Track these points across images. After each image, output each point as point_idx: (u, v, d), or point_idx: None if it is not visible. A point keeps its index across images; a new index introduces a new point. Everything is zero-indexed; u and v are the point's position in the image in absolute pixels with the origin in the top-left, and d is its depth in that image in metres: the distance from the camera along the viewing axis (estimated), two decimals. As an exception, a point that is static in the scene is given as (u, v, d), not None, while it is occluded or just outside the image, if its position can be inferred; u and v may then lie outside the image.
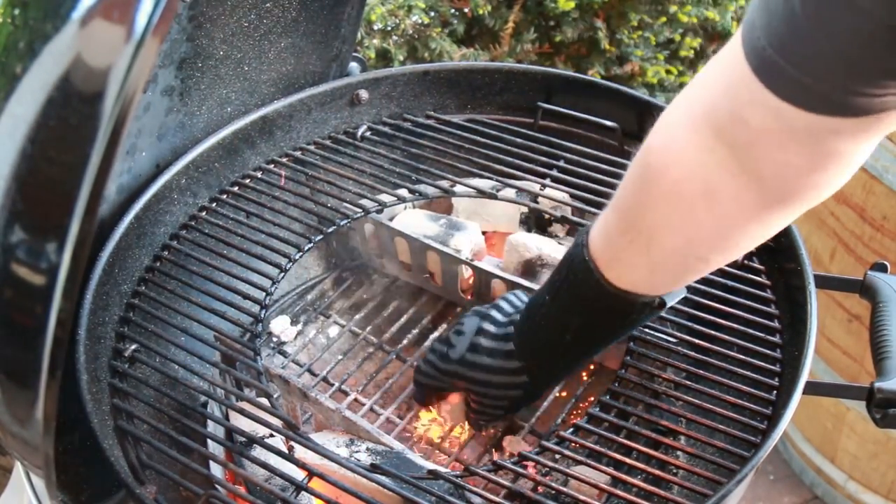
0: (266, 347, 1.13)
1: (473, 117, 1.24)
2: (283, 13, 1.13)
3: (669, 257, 0.72)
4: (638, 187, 0.71)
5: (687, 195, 0.67)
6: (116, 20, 0.54)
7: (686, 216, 0.68)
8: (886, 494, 1.81)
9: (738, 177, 0.65)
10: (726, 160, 0.64)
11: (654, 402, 0.89)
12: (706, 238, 0.70)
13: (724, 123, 0.63)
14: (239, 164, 1.15)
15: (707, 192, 0.66)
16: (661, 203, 0.69)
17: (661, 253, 0.71)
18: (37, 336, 0.57)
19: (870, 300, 0.95)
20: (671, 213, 0.69)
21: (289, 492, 0.82)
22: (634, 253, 0.73)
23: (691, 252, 0.71)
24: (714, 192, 0.66)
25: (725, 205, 0.67)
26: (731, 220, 0.68)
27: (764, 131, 0.61)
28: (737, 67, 0.61)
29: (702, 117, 0.65)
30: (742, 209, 0.67)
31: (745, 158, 0.64)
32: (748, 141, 0.63)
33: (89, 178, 0.53)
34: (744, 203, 0.66)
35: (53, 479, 0.67)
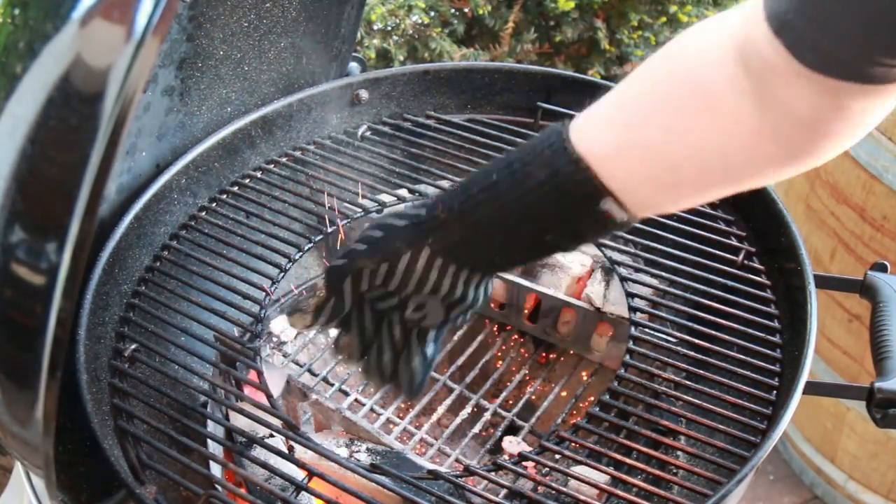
0: (266, 347, 1.13)
1: (473, 117, 1.24)
2: (283, 13, 1.13)
3: (639, 145, 0.66)
4: (649, 65, 0.68)
5: (689, 92, 0.65)
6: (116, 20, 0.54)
7: (676, 109, 0.65)
8: (886, 494, 1.81)
9: (744, 97, 0.63)
10: (739, 78, 0.63)
11: (654, 402, 0.89)
12: (687, 144, 0.65)
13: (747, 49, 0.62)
14: (239, 164, 1.15)
15: (708, 95, 0.64)
16: (659, 87, 0.66)
17: (633, 135, 0.66)
18: (37, 336, 0.57)
19: (870, 300, 0.95)
20: (663, 100, 0.65)
21: (289, 492, 0.82)
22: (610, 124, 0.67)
23: (665, 151, 0.65)
24: (716, 98, 0.64)
25: (722, 117, 0.64)
26: (718, 135, 0.64)
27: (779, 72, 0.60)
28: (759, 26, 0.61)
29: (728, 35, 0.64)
30: (736, 132, 0.64)
31: (756, 83, 0.62)
32: (763, 71, 0.62)
33: (89, 178, 0.53)
34: (741, 125, 0.64)
35: (53, 479, 0.67)
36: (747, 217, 1.06)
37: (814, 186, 1.71)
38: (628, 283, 1.00)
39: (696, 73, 0.65)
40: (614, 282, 1.07)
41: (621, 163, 0.66)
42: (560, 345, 1.15)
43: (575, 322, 1.10)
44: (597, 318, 1.08)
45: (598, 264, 1.10)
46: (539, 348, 1.17)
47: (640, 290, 1.00)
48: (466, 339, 1.15)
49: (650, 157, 0.66)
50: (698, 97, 0.64)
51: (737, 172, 0.67)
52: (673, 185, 0.67)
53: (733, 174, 0.67)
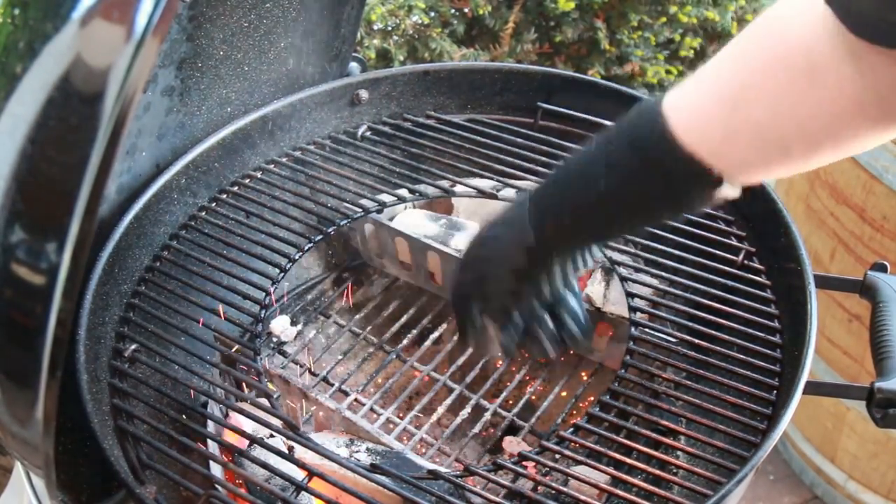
0: (266, 347, 1.13)
1: (473, 117, 1.24)
2: (283, 13, 1.13)
3: (749, 128, 0.66)
4: (745, 37, 0.67)
5: (791, 65, 0.63)
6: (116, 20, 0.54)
7: (782, 88, 0.64)
8: (886, 494, 1.81)
9: (846, 63, 0.62)
10: (840, 43, 0.62)
11: (654, 402, 0.89)
12: (795, 120, 0.65)
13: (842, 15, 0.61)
14: (239, 163, 1.15)
15: (812, 69, 0.63)
16: (763, 64, 0.65)
17: (742, 119, 0.66)
18: (37, 336, 0.57)
19: (870, 300, 0.95)
20: (767, 78, 0.65)
21: (289, 492, 0.82)
22: (715, 110, 0.67)
23: (774, 131, 0.66)
24: (819, 70, 0.63)
25: (826, 90, 0.63)
26: (825, 108, 0.64)
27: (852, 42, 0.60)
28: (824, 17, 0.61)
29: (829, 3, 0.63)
30: (841, 98, 0.63)
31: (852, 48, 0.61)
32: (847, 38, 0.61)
33: (89, 178, 0.53)
34: (843, 93, 0.63)
35: (53, 479, 0.67)
36: (747, 217, 1.06)
37: (814, 186, 1.71)
38: (628, 283, 1.00)
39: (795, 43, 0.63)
40: (614, 282, 1.07)
41: (733, 150, 0.67)
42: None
43: (575, 322, 1.10)
44: (597, 318, 1.08)
45: (598, 264, 1.10)
46: (539, 348, 1.17)
47: (640, 290, 1.00)
48: (466, 339, 1.15)
49: (760, 138, 0.66)
50: (800, 69, 0.63)
51: (844, 139, 0.66)
52: (784, 160, 0.68)
53: (841, 141, 0.66)
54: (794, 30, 0.64)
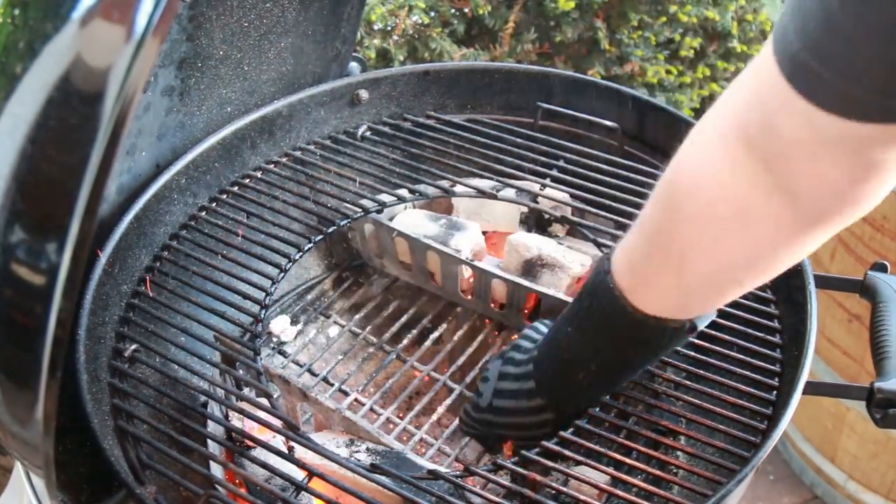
0: (266, 347, 1.13)
1: (473, 117, 1.24)
2: (283, 13, 1.13)
3: (702, 282, 0.69)
4: (665, 208, 0.68)
5: (719, 216, 0.64)
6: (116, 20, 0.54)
7: (719, 239, 0.65)
8: (886, 494, 1.81)
9: (772, 194, 0.62)
10: (760, 176, 0.61)
11: (654, 402, 0.89)
12: (741, 261, 0.67)
13: (756, 135, 0.60)
14: (239, 164, 1.15)
15: (740, 212, 0.63)
16: (692, 225, 0.66)
17: (692, 278, 0.69)
18: (37, 336, 0.57)
19: (870, 300, 0.95)
20: (702, 235, 0.66)
21: (289, 492, 0.82)
22: (664, 278, 0.70)
23: (725, 276, 0.69)
24: (747, 212, 0.63)
25: (760, 226, 0.64)
26: (766, 241, 0.65)
27: (797, 142, 0.58)
28: (768, 76, 0.58)
29: (733, 131, 0.62)
30: (778, 229, 0.64)
31: (779, 173, 0.61)
32: (782, 153, 0.60)
33: (89, 178, 0.53)
34: (780, 222, 0.63)
35: (53, 479, 0.67)
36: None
37: (814, 186, 1.71)
38: (628, 283, 1.00)
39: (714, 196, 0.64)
40: (614, 282, 1.07)
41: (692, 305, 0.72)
42: (560, 345, 1.14)
43: (575, 322, 1.10)
44: (597, 318, 1.07)
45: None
46: (539, 348, 1.17)
47: (640, 290, 1.00)
48: (466, 339, 1.15)
49: (715, 288, 0.71)
50: (730, 217, 0.64)
51: (793, 257, 0.68)
52: (741, 291, 0.73)
53: (794, 256, 0.69)
54: (708, 181, 0.65)
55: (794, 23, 0.56)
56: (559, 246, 1.12)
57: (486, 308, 1.16)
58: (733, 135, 0.62)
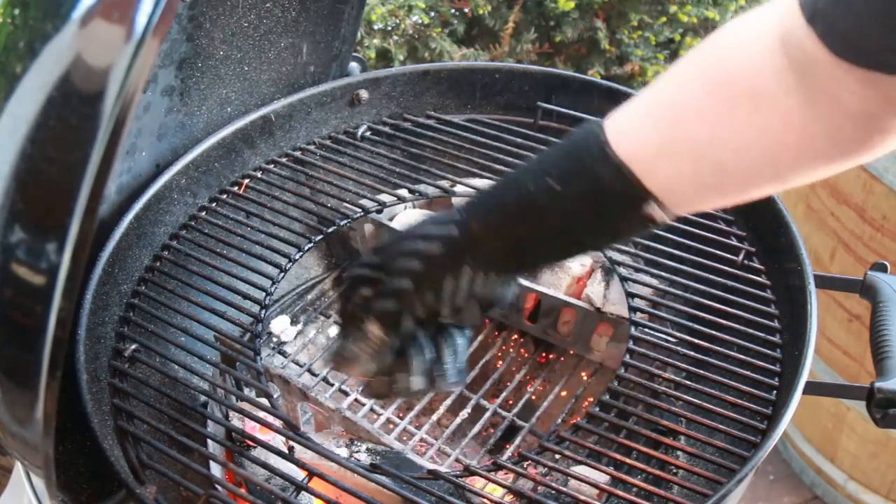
0: (266, 347, 1.13)
1: (473, 117, 1.24)
2: (283, 13, 1.13)
3: (684, 145, 0.64)
4: (687, 63, 0.65)
5: (733, 90, 0.62)
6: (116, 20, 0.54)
7: (722, 111, 0.63)
8: (886, 494, 1.81)
9: (791, 94, 0.61)
10: (785, 73, 0.60)
11: (654, 402, 0.89)
12: (734, 141, 0.63)
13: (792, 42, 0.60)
14: (239, 164, 1.15)
15: (754, 95, 0.62)
16: (705, 85, 0.63)
17: (677, 136, 0.64)
18: (37, 336, 0.57)
19: (870, 300, 0.95)
20: (707, 100, 0.63)
21: (289, 492, 0.82)
22: (651, 125, 0.65)
23: (711, 151, 0.64)
24: (762, 97, 0.61)
25: (768, 115, 0.62)
26: (767, 132, 0.62)
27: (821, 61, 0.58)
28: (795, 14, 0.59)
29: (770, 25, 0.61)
30: (784, 126, 0.62)
31: (802, 78, 0.60)
32: (810, 67, 0.59)
33: (89, 178, 0.53)
34: (788, 121, 0.61)
35: (53, 479, 0.67)
36: (747, 217, 1.06)
37: (814, 186, 1.71)
38: (628, 283, 1.00)
39: (740, 69, 0.62)
40: (614, 282, 1.07)
41: (666, 167, 0.65)
42: (560, 345, 1.15)
43: (575, 322, 1.10)
44: (597, 318, 1.08)
45: (598, 264, 1.10)
46: (539, 348, 1.17)
47: (640, 290, 1.00)
48: (466, 339, 1.15)
49: (695, 159, 0.64)
50: (744, 94, 0.62)
51: (786, 170, 0.65)
52: (718, 186, 0.66)
53: (782, 172, 0.65)
54: (741, 56, 0.63)
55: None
56: (559, 246, 1.12)
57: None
58: (775, 33, 0.61)
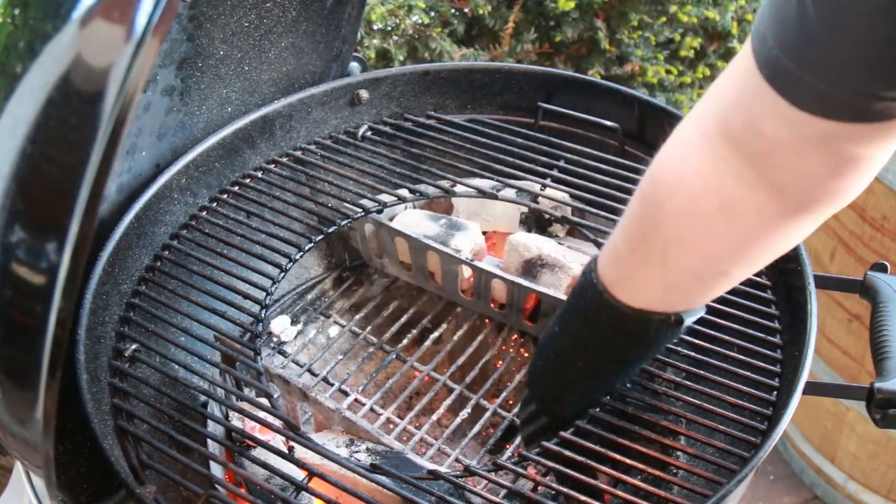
0: (266, 347, 1.13)
1: (474, 117, 1.24)
2: (283, 13, 1.13)
3: (686, 275, 0.70)
4: (649, 203, 0.69)
5: (704, 211, 0.65)
6: (116, 20, 0.54)
7: (703, 233, 0.66)
8: (886, 494, 1.81)
9: (757, 188, 0.63)
10: (744, 172, 0.63)
11: (654, 402, 0.89)
12: (726, 253, 0.68)
13: (740, 135, 0.62)
14: (239, 163, 1.15)
15: (725, 206, 0.65)
16: (676, 220, 0.67)
17: (676, 271, 0.69)
18: (37, 336, 0.57)
19: (870, 300, 0.95)
20: (687, 230, 0.67)
21: (289, 492, 0.82)
22: (648, 272, 0.71)
23: (710, 268, 0.69)
24: (732, 205, 0.64)
25: (745, 218, 0.65)
26: (751, 232, 0.66)
27: (780, 141, 0.60)
28: (749, 79, 0.59)
29: (716, 130, 0.64)
30: (763, 220, 0.65)
31: (763, 169, 0.62)
32: (765, 151, 0.61)
33: (89, 178, 0.53)
34: (765, 214, 0.65)
35: (53, 479, 0.67)
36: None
37: (814, 186, 1.71)
38: (628, 283, 1.00)
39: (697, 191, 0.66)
40: (614, 282, 1.07)
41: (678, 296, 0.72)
42: (560, 345, 1.14)
43: (575, 322, 1.10)
44: (597, 318, 1.07)
45: (598, 264, 1.10)
46: (539, 348, 1.17)
47: (640, 290, 1.00)
48: (466, 339, 1.15)
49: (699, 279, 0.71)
50: (714, 211, 0.65)
51: (779, 248, 0.69)
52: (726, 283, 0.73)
53: (777, 250, 0.70)
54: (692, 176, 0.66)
55: (771, 28, 0.58)
56: (559, 246, 1.12)
57: (486, 308, 1.16)
58: (717, 133, 0.64)
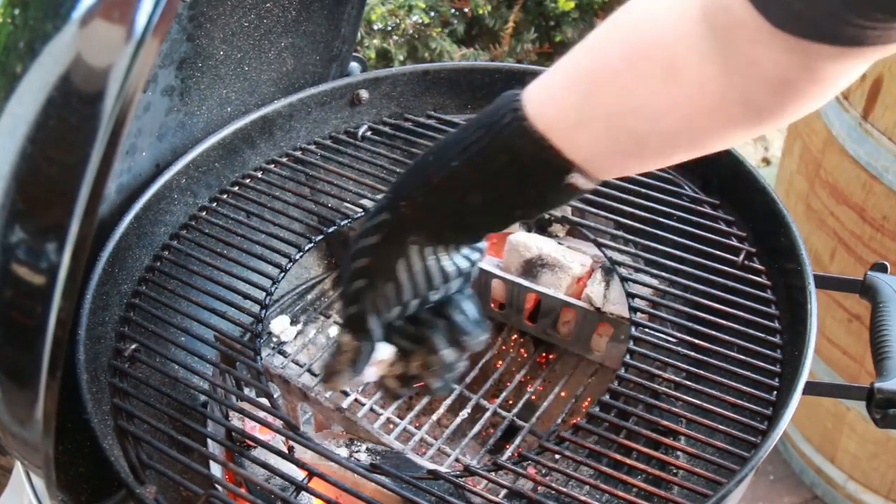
0: (266, 347, 1.13)
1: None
2: (283, 13, 1.13)
3: (601, 117, 0.64)
4: (603, 33, 0.65)
5: (649, 59, 0.62)
6: (116, 20, 0.54)
7: (638, 80, 0.62)
8: (886, 494, 1.81)
9: (708, 62, 0.61)
10: (702, 40, 0.61)
11: (654, 402, 0.89)
12: (650, 110, 0.63)
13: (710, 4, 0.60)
14: (239, 163, 1.15)
15: (670, 65, 0.62)
16: (620, 55, 0.63)
17: (596, 106, 0.64)
18: (37, 336, 0.57)
19: (870, 300, 0.95)
20: (625, 69, 0.63)
21: (289, 492, 0.82)
22: (568, 95, 0.65)
23: (627, 121, 0.64)
24: (678, 67, 0.62)
25: (684, 84, 0.62)
26: (684, 102, 0.63)
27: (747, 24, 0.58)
28: None
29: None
30: (702, 97, 0.62)
31: (721, 44, 0.60)
32: (729, 25, 0.59)
33: (89, 178, 0.53)
34: (705, 91, 0.62)
35: (53, 479, 0.67)
36: (747, 217, 1.06)
37: (814, 186, 1.71)
38: (628, 283, 1.00)
39: (655, 38, 0.62)
40: (614, 282, 1.07)
41: (585, 137, 0.65)
42: (560, 345, 1.15)
43: (575, 322, 1.10)
44: (597, 318, 1.08)
45: (598, 264, 1.10)
46: (539, 348, 1.17)
47: (640, 290, 1.00)
48: (466, 339, 1.15)
49: (612, 128, 0.64)
50: (659, 64, 0.62)
51: (703, 136, 0.65)
52: (637, 153, 0.66)
53: (699, 138, 0.65)
54: (656, 26, 0.62)
55: None
56: (559, 246, 1.12)
57: (486, 308, 1.16)
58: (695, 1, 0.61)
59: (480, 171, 0.68)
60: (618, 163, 0.67)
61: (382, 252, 0.72)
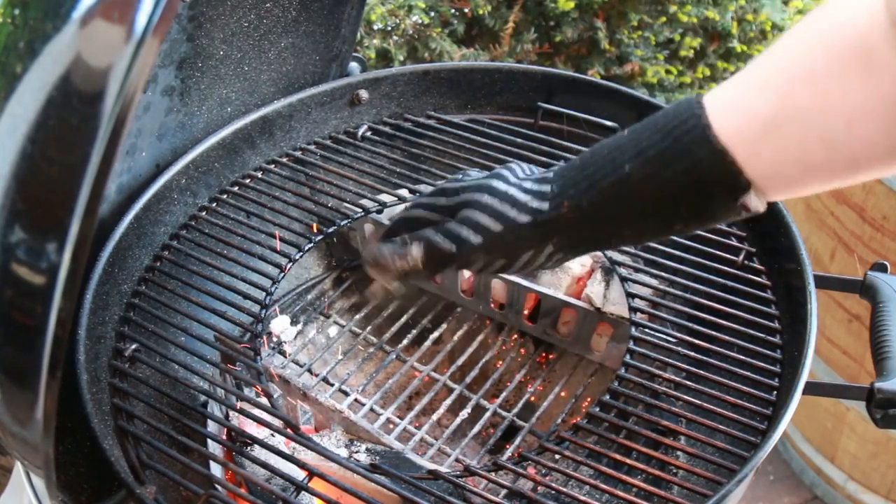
0: (266, 347, 1.13)
1: (474, 117, 1.24)
2: (283, 13, 1.13)
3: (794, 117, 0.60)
4: (793, 31, 0.62)
5: (844, 46, 0.58)
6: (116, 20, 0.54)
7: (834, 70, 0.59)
8: (886, 494, 1.81)
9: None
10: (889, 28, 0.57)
11: (654, 402, 0.89)
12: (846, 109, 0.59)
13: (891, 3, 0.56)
14: (239, 163, 1.15)
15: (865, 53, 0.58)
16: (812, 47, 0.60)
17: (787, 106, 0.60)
18: (37, 336, 0.57)
19: (870, 300, 0.95)
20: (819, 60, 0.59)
21: (289, 492, 0.82)
22: (757, 98, 0.61)
23: (822, 122, 0.60)
24: (873, 55, 0.58)
25: (880, 77, 0.57)
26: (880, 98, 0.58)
27: None
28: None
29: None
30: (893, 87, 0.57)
31: None
32: None
33: (89, 178, 0.53)
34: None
35: (53, 479, 0.67)
36: (747, 218, 1.06)
37: (814, 186, 1.71)
38: (628, 283, 1.00)
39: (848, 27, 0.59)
40: (614, 282, 1.07)
41: (772, 146, 0.61)
42: (560, 345, 1.15)
43: (575, 322, 1.10)
44: (597, 318, 1.08)
45: (598, 264, 1.11)
46: (539, 348, 1.17)
47: (640, 290, 1.00)
48: (466, 340, 1.15)
49: (805, 132, 0.60)
50: (854, 52, 0.58)
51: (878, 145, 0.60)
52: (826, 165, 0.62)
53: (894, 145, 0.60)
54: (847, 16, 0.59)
55: None
56: (559, 246, 1.12)
57: (486, 308, 1.16)
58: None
59: (652, 178, 0.65)
60: (802, 177, 0.63)
61: (522, 235, 0.70)
